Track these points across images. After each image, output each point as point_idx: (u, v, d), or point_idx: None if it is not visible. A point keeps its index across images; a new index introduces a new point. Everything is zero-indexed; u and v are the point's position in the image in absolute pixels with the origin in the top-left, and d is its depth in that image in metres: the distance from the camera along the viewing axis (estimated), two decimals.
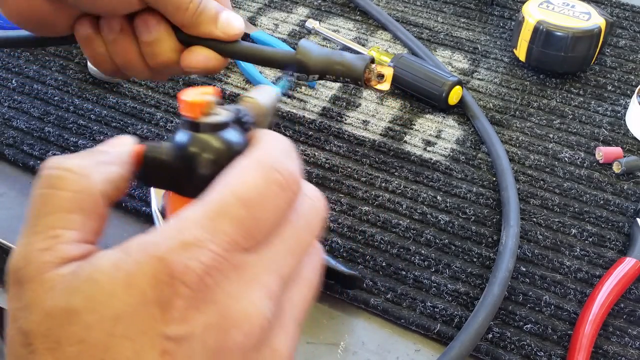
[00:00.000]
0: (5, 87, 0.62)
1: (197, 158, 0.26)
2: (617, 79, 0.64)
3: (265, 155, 0.25)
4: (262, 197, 0.24)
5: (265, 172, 0.24)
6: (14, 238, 0.50)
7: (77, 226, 0.24)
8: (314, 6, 0.73)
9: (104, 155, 0.26)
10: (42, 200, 0.24)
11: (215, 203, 0.23)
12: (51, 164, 0.25)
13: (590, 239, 0.50)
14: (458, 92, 0.60)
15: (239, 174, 0.24)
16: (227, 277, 0.22)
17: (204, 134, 0.26)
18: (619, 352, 0.44)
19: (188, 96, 0.26)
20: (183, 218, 0.23)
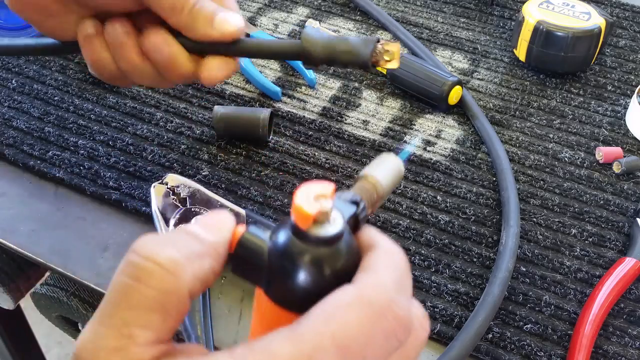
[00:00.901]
0: (5, 87, 0.62)
1: (295, 269, 0.23)
2: (617, 79, 0.64)
3: (377, 293, 0.22)
4: (363, 347, 0.21)
5: (373, 318, 0.21)
6: (14, 238, 0.50)
7: (155, 326, 0.22)
8: (314, 6, 0.73)
9: (199, 244, 0.24)
10: (124, 291, 0.22)
11: (311, 344, 0.21)
12: (141, 249, 0.23)
13: (590, 239, 0.50)
14: (458, 92, 0.60)
15: (342, 312, 0.21)
16: None
17: (303, 242, 0.23)
18: (619, 352, 0.44)
19: (302, 200, 0.23)
20: (271, 353, 0.21)
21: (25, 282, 0.62)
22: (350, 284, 0.22)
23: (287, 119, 0.60)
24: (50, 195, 0.54)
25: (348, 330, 0.21)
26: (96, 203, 0.53)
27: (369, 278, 0.22)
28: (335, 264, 0.23)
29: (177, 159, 0.56)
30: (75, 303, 0.56)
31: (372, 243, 0.24)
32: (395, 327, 0.22)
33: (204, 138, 0.58)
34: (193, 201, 0.49)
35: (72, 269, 0.48)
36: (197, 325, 0.43)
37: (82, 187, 0.53)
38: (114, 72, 0.44)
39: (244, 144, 0.57)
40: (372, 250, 0.24)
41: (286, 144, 0.57)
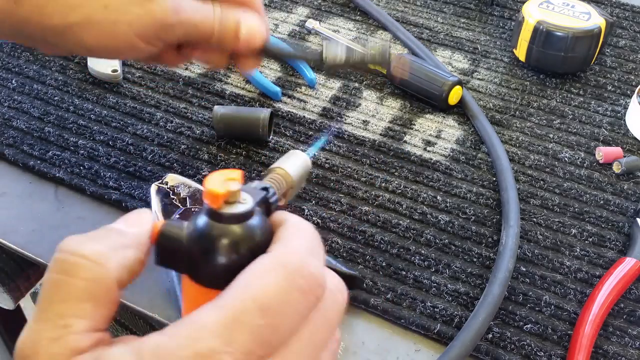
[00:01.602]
0: (5, 87, 0.62)
1: (213, 247, 0.25)
2: (617, 79, 0.64)
3: (290, 257, 0.24)
4: (282, 304, 0.23)
5: (289, 278, 0.23)
6: (14, 238, 0.50)
7: (88, 315, 0.23)
8: (314, 6, 0.73)
9: (121, 237, 0.25)
10: (55, 286, 0.23)
11: (233, 309, 0.22)
12: (66, 247, 0.24)
13: (590, 239, 0.50)
14: (458, 92, 0.60)
15: (260, 277, 0.23)
16: None
17: (224, 223, 0.25)
18: (619, 352, 0.44)
19: (211, 184, 0.25)
20: (199, 323, 0.22)
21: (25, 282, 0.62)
22: (265, 254, 0.24)
23: (287, 119, 0.60)
24: (50, 195, 0.54)
25: (267, 291, 0.23)
26: (96, 203, 0.53)
27: (281, 246, 0.25)
28: (250, 239, 0.25)
29: (177, 159, 0.56)
30: None
31: (282, 220, 0.26)
32: (310, 283, 0.24)
33: (204, 138, 0.58)
34: (193, 201, 0.49)
35: None
36: None
37: (82, 187, 0.53)
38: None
39: (244, 144, 0.57)
40: (282, 225, 0.26)
41: (286, 144, 0.57)
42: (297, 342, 0.23)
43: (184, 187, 0.50)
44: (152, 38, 0.41)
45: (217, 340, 0.21)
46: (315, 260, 0.25)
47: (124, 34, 0.40)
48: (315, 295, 0.24)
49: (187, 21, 0.42)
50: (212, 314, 0.22)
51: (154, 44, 0.42)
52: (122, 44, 0.41)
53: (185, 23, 0.42)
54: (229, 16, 0.44)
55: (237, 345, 0.22)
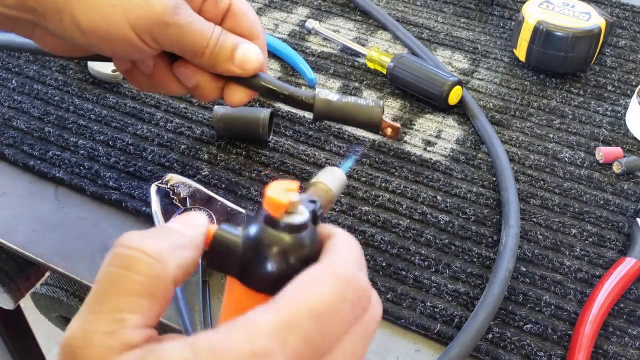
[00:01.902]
0: (5, 87, 0.62)
1: (269, 254, 0.25)
2: (617, 79, 0.64)
3: (341, 268, 0.25)
4: (334, 313, 0.24)
5: (341, 287, 0.24)
6: (14, 238, 0.50)
7: (144, 311, 0.23)
8: (314, 6, 0.73)
9: (180, 237, 0.26)
10: (114, 278, 0.24)
11: (289, 312, 0.23)
12: (127, 242, 0.24)
13: (590, 239, 0.50)
14: (458, 92, 0.60)
15: (313, 284, 0.24)
16: None
17: (274, 229, 0.26)
18: (619, 352, 0.44)
19: (273, 193, 0.26)
20: (255, 323, 0.23)
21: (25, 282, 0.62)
22: (317, 263, 0.25)
23: (287, 119, 0.60)
24: (50, 195, 0.54)
25: (321, 298, 0.23)
26: (96, 203, 0.53)
27: (333, 257, 0.26)
28: (304, 248, 0.26)
29: (177, 159, 0.56)
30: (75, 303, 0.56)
31: (331, 233, 0.27)
32: (359, 295, 0.25)
33: (204, 138, 0.58)
34: (193, 201, 0.49)
35: (72, 269, 0.48)
36: (197, 325, 0.43)
37: (82, 187, 0.53)
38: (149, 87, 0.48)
39: (244, 144, 0.57)
40: (331, 238, 0.27)
41: (286, 144, 0.57)
42: (340, 350, 0.24)
43: (184, 187, 0.50)
44: (145, 33, 0.41)
45: (272, 341, 0.22)
46: (363, 273, 0.26)
47: (118, 20, 0.40)
48: (363, 307, 0.25)
49: (184, 26, 0.41)
50: (267, 316, 0.23)
51: (146, 40, 0.41)
52: (115, 31, 0.40)
53: (182, 27, 0.41)
54: (228, 37, 0.44)
55: (290, 347, 0.22)
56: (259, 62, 0.44)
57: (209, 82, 0.45)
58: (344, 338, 0.24)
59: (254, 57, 0.44)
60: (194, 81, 0.45)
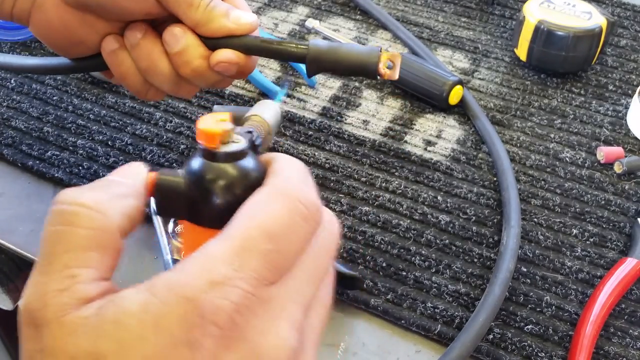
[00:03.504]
0: (4, 86, 0.62)
1: (214, 187, 0.25)
2: (619, 79, 0.64)
3: (287, 186, 0.25)
4: (287, 230, 0.24)
5: (290, 204, 0.24)
6: (13, 238, 0.50)
7: (94, 264, 0.23)
8: (314, 5, 0.73)
9: (119, 187, 0.25)
10: (57, 237, 0.23)
11: (241, 237, 0.23)
12: (65, 198, 0.24)
13: (591, 239, 0.50)
14: (459, 91, 0.59)
15: (262, 206, 0.24)
16: (256, 313, 0.22)
17: (216, 161, 0.25)
18: (620, 353, 0.44)
19: (205, 124, 0.25)
20: (209, 254, 0.22)
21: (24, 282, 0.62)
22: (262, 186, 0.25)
23: (287, 119, 0.59)
24: (49, 195, 0.53)
25: (271, 218, 0.23)
26: None
27: (277, 177, 0.25)
28: (248, 176, 0.26)
29: (176, 159, 0.55)
30: None
31: (272, 157, 0.27)
32: (310, 209, 0.25)
33: None
34: None
35: None
36: None
37: None
38: (138, 83, 0.45)
39: None
40: (273, 162, 0.27)
41: (286, 144, 0.57)
42: (300, 269, 0.24)
43: None
44: None
45: (229, 267, 0.22)
46: (311, 189, 0.26)
47: None
48: (315, 220, 0.25)
49: None
50: (220, 245, 0.23)
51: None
52: None
53: None
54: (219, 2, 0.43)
55: (249, 270, 0.22)
56: (255, 21, 0.44)
57: (197, 47, 0.43)
58: (302, 256, 0.24)
59: (248, 16, 0.44)
60: (181, 42, 0.43)
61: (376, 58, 0.42)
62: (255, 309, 0.22)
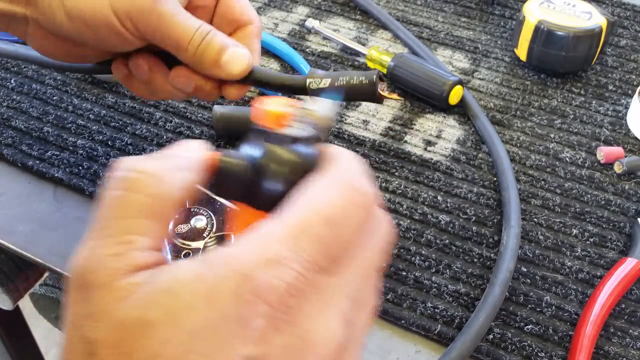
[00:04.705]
0: (4, 86, 0.62)
1: (272, 170, 0.25)
2: (619, 79, 0.64)
3: (346, 175, 0.24)
4: (344, 216, 0.23)
5: (347, 192, 0.24)
6: (13, 238, 0.50)
7: (150, 232, 0.23)
8: (314, 5, 0.73)
9: (179, 159, 0.25)
10: (117, 202, 0.23)
11: (299, 220, 0.22)
12: (126, 165, 0.24)
13: (591, 239, 0.50)
14: (459, 91, 0.59)
15: (321, 191, 0.24)
16: (307, 299, 0.22)
17: (280, 146, 0.25)
18: (620, 353, 0.44)
19: (268, 105, 0.25)
20: (265, 233, 0.22)
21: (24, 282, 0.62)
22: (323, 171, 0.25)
23: None
24: (49, 195, 0.53)
25: (330, 204, 0.23)
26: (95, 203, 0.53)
27: (338, 167, 0.25)
28: (312, 162, 0.25)
29: None
30: None
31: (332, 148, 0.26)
32: (367, 200, 0.24)
33: (203, 138, 0.57)
34: (192, 202, 0.49)
35: None
36: None
37: (81, 187, 0.53)
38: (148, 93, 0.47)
39: None
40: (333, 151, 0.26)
41: None
42: (354, 262, 0.24)
43: None
44: (126, 19, 0.41)
45: (285, 246, 0.22)
46: (369, 182, 0.25)
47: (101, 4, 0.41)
48: (370, 212, 0.24)
49: (164, 14, 0.41)
50: (278, 225, 0.22)
51: (127, 26, 0.41)
52: (98, 15, 0.41)
53: (162, 15, 0.41)
54: (216, 37, 0.43)
55: (304, 253, 0.22)
56: (245, 67, 0.43)
57: (207, 84, 0.45)
58: (356, 249, 0.24)
59: (240, 61, 0.43)
60: (192, 86, 0.44)
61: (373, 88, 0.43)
62: (308, 294, 0.22)
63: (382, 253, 0.25)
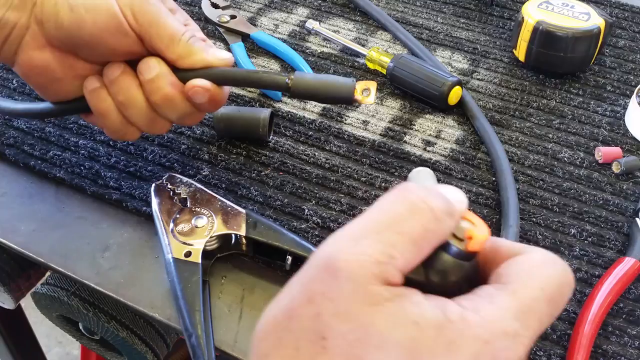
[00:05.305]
0: (6, 87, 0.63)
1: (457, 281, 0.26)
2: (617, 79, 0.65)
3: (553, 256, 0.26)
4: (563, 296, 0.25)
5: (564, 271, 0.26)
6: (15, 238, 0.50)
7: (409, 258, 0.24)
8: (314, 6, 0.73)
9: (454, 208, 0.26)
10: (397, 218, 0.25)
11: (525, 297, 0.24)
12: (417, 192, 0.25)
13: (589, 238, 0.51)
14: (458, 92, 0.60)
15: (540, 269, 0.25)
16: None
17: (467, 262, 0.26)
18: (618, 351, 0.44)
19: (481, 231, 0.26)
20: (498, 305, 0.24)
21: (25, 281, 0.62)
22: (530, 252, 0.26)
23: (287, 119, 0.60)
24: (51, 195, 0.54)
25: (551, 282, 0.25)
26: (97, 203, 0.53)
27: (540, 252, 0.26)
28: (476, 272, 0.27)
29: (177, 159, 0.56)
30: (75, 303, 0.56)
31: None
32: (572, 281, 0.26)
33: (204, 138, 0.58)
34: (193, 201, 0.49)
35: (72, 269, 0.49)
36: (197, 325, 0.43)
37: (82, 187, 0.53)
38: (117, 121, 0.48)
39: (244, 144, 0.57)
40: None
41: (286, 144, 0.57)
42: None
43: (184, 187, 0.50)
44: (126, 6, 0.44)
45: (518, 323, 0.23)
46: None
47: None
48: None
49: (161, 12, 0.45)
50: (507, 299, 0.24)
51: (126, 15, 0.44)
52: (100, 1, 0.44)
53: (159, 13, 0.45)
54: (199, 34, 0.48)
55: (531, 330, 0.24)
56: (230, 57, 0.48)
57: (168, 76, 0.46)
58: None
59: (225, 53, 0.48)
60: (154, 71, 0.46)
61: (351, 89, 0.46)
62: None
63: None
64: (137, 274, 0.48)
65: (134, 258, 0.49)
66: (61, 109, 0.50)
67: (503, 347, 0.23)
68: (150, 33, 0.45)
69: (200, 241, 0.46)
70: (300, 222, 0.51)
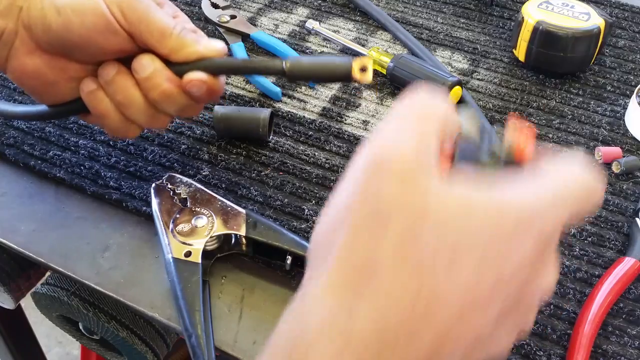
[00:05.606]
0: (6, 87, 0.63)
1: None
2: (617, 79, 0.65)
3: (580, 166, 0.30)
4: (586, 193, 0.30)
5: (585, 170, 0.30)
6: (15, 238, 0.50)
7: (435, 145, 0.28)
8: (314, 7, 0.73)
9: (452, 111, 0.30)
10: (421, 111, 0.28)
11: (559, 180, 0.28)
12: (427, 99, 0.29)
13: (589, 238, 0.51)
14: (458, 92, 0.60)
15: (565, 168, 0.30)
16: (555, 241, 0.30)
17: None
18: (618, 351, 0.44)
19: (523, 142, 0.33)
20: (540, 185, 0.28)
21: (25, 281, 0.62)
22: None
23: (287, 119, 0.60)
24: (50, 195, 0.54)
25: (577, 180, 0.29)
26: (97, 203, 0.53)
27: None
28: None
29: (177, 159, 0.56)
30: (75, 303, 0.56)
31: None
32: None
33: (204, 138, 0.58)
34: (193, 201, 0.49)
35: (72, 269, 0.49)
36: (197, 325, 0.43)
37: (82, 187, 0.53)
38: (117, 120, 0.48)
39: (244, 144, 0.57)
40: None
41: (286, 144, 0.57)
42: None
43: (184, 187, 0.50)
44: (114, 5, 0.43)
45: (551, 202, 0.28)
46: None
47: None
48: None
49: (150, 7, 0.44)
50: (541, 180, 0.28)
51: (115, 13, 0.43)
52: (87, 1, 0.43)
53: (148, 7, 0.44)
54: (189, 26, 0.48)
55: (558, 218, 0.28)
56: (223, 47, 0.47)
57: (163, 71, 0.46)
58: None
59: (217, 41, 0.47)
60: (149, 68, 0.45)
61: (349, 67, 0.46)
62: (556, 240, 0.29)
63: None
64: (137, 274, 0.48)
65: (134, 258, 0.49)
66: (59, 111, 0.50)
67: (553, 218, 0.27)
68: (140, 29, 0.44)
69: (200, 241, 0.46)
70: (300, 222, 0.51)
